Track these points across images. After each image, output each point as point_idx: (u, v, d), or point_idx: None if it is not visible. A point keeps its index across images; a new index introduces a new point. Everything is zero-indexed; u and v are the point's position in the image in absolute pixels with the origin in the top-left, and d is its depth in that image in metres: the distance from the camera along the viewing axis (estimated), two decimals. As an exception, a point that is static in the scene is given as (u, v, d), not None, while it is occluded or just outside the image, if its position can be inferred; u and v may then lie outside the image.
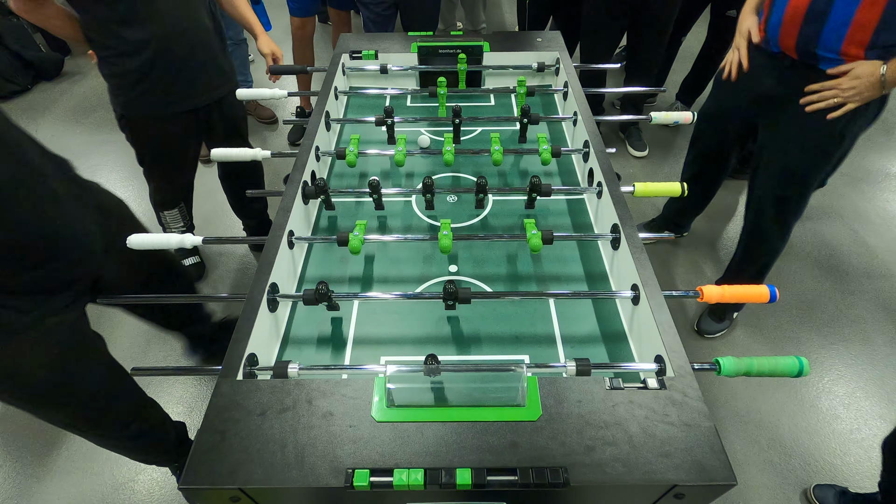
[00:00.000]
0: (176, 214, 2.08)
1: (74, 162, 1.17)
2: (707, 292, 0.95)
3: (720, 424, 1.74)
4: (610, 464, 0.70)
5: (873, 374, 1.90)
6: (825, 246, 2.40)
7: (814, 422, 1.77)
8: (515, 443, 0.72)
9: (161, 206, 2.03)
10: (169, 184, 1.95)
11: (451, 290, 0.95)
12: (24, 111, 3.33)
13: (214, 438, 0.73)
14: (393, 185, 1.42)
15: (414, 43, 1.70)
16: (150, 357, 1.96)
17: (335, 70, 1.63)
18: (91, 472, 1.67)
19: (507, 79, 1.76)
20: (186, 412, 1.81)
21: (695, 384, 0.78)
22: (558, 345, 1.01)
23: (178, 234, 1.06)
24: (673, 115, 1.42)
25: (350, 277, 1.16)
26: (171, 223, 2.10)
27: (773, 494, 1.61)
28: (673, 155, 2.94)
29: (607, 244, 1.15)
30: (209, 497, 0.71)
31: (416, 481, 0.68)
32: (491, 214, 1.32)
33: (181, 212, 2.09)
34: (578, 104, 1.45)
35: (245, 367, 0.84)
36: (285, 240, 1.07)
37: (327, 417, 0.75)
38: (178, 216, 2.10)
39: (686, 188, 1.18)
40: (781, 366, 0.84)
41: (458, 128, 1.43)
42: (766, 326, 2.07)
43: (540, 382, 0.78)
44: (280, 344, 1.02)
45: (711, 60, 2.85)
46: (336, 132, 1.60)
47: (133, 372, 0.94)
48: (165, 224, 2.11)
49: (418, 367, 0.80)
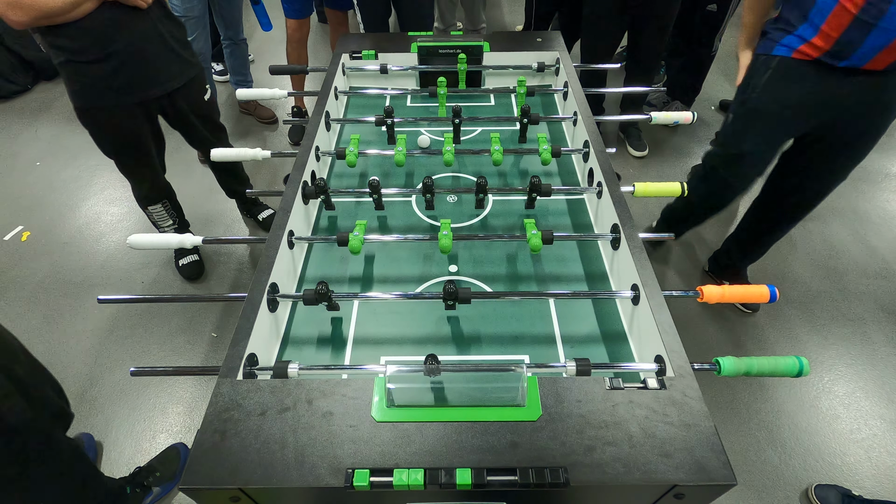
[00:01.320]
0: (161, 211, 2.07)
1: (74, 162, 1.17)
2: (707, 292, 0.95)
3: (720, 424, 1.74)
4: (610, 464, 0.69)
5: (873, 374, 1.90)
6: (825, 246, 2.39)
7: (814, 422, 1.77)
8: (515, 443, 0.72)
9: (143, 202, 2.04)
10: (140, 178, 1.94)
11: (451, 290, 0.95)
12: (24, 111, 3.33)
13: (214, 438, 0.73)
14: (393, 185, 1.41)
15: (414, 43, 1.70)
16: (151, 357, 1.96)
17: (335, 70, 1.63)
18: (91, 472, 1.67)
19: (507, 79, 1.76)
20: (186, 412, 1.81)
21: (695, 384, 0.78)
22: (558, 345, 1.01)
23: (179, 235, 1.06)
24: (673, 115, 1.42)
25: (350, 277, 1.16)
26: (159, 220, 2.10)
27: (772, 494, 1.61)
28: (673, 155, 2.94)
29: (607, 244, 1.15)
30: (209, 497, 0.71)
31: (416, 481, 0.68)
32: (491, 214, 1.32)
33: (166, 208, 2.08)
34: (578, 104, 1.45)
35: (245, 367, 0.84)
36: (285, 240, 1.07)
37: (327, 417, 0.75)
38: (165, 213, 2.09)
39: (686, 188, 1.18)
40: (781, 366, 0.84)
41: (458, 128, 1.43)
42: (766, 326, 2.07)
43: (540, 382, 0.78)
44: (280, 344, 1.02)
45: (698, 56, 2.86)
46: (336, 132, 1.60)
47: (133, 372, 0.94)
48: (154, 222, 2.11)
49: (418, 367, 0.80)
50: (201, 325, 2.05)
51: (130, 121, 1.73)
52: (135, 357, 1.97)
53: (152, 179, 1.97)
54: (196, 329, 2.04)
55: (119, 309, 2.10)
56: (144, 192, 2.00)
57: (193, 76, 1.81)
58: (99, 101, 1.63)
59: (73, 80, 1.59)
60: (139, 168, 1.91)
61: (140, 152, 1.85)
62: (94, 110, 1.66)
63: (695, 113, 1.45)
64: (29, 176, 2.82)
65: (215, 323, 2.06)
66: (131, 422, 1.78)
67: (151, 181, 1.97)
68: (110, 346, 2.00)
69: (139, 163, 1.89)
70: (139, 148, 1.83)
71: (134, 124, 1.74)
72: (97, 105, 1.65)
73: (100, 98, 1.63)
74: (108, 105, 1.65)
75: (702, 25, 2.68)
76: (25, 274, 2.28)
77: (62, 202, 2.65)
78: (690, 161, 2.86)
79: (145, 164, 1.90)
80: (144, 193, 2.00)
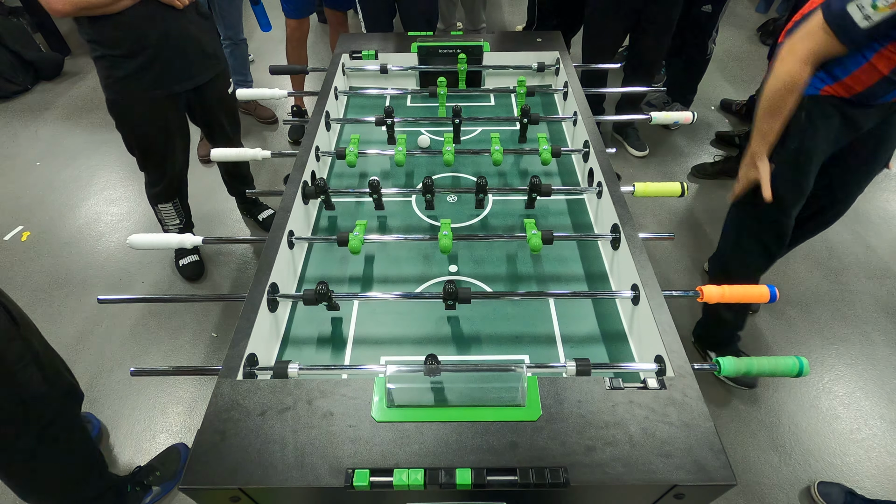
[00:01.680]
0: (171, 210, 2.09)
1: (74, 162, 1.18)
2: (707, 292, 0.95)
3: (720, 424, 1.74)
4: (610, 464, 0.69)
5: (873, 374, 1.90)
6: (825, 246, 2.39)
7: (814, 422, 1.77)
8: (515, 443, 0.72)
9: (155, 199, 2.05)
10: (159, 174, 1.96)
11: (451, 290, 0.95)
12: (24, 111, 3.33)
13: (214, 438, 0.73)
14: (393, 185, 1.42)
15: (414, 43, 1.70)
16: (151, 357, 1.96)
17: (335, 70, 1.63)
18: (91, 472, 1.67)
19: (507, 79, 1.76)
20: (186, 412, 1.81)
21: (695, 384, 0.78)
22: (558, 345, 1.01)
23: (179, 235, 1.06)
24: (673, 115, 1.42)
25: (350, 277, 1.16)
26: (167, 219, 2.11)
27: (773, 495, 1.60)
28: (673, 155, 2.94)
29: (607, 244, 1.15)
30: (209, 497, 0.71)
31: (416, 481, 0.68)
32: (491, 214, 1.32)
33: (176, 207, 2.10)
34: (578, 104, 1.45)
35: (245, 367, 0.84)
36: (285, 240, 1.07)
37: (327, 417, 0.75)
38: (174, 212, 2.10)
39: (686, 188, 1.18)
40: (781, 366, 0.84)
41: (458, 128, 1.43)
42: (767, 326, 2.07)
43: (540, 382, 0.78)
44: (280, 344, 1.02)
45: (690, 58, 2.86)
46: (336, 132, 1.60)
47: (133, 372, 0.94)
48: (161, 220, 2.12)
49: (418, 367, 0.80)
50: (201, 325, 2.05)
51: (161, 113, 1.78)
52: (135, 357, 1.96)
53: (171, 176, 1.99)
54: (196, 329, 2.04)
55: (119, 309, 2.10)
56: (160, 190, 2.01)
57: (220, 71, 1.88)
58: (132, 93, 1.69)
59: (108, 74, 1.64)
60: (162, 164, 1.93)
61: (167, 147, 1.88)
62: (127, 102, 1.71)
63: (694, 113, 1.44)
64: (29, 176, 2.82)
65: (215, 323, 2.06)
66: (131, 422, 1.78)
67: (170, 178, 1.99)
68: (110, 346, 2.00)
69: (164, 159, 1.91)
70: (167, 142, 1.87)
71: (164, 117, 1.80)
72: (130, 97, 1.70)
73: (132, 91, 1.68)
74: (140, 98, 1.70)
75: (696, 26, 2.68)
76: (25, 274, 2.28)
77: (62, 202, 2.65)
78: (690, 161, 2.86)
79: (170, 160, 1.92)
80: (159, 191, 2.02)
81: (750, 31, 4.03)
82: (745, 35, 4.00)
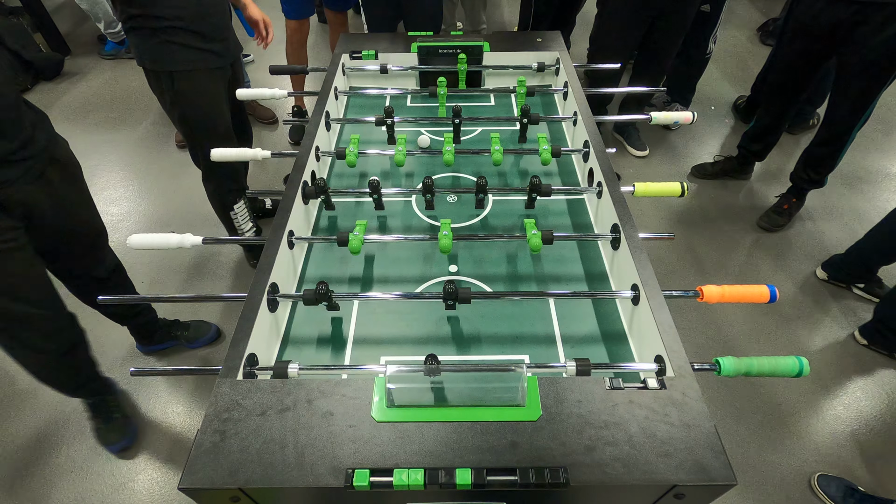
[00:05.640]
0: (244, 209, 2.01)
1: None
2: (707, 292, 0.95)
3: (720, 424, 1.74)
4: (610, 464, 0.69)
5: (873, 373, 1.91)
6: (825, 246, 2.40)
7: (814, 422, 1.77)
8: (515, 443, 0.72)
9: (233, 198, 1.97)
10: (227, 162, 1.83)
11: (451, 290, 0.95)
12: (24, 111, 3.33)
13: (214, 438, 0.73)
14: (393, 185, 1.42)
15: (414, 43, 1.70)
16: (151, 357, 1.96)
17: (335, 70, 1.63)
18: (91, 473, 1.68)
19: (507, 79, 1.76)
20: (186, 412, 1.81)
21: (695, 384, 0.78)
22: (558, 345, 1.01)
23: (178, 235, 1.06)
24: (673, 115, 1.41)
25: (350, 277, 1.16)
26: (242, 223, 2.03)
27: (773, 495, 1.61)
28: (673, 155, 2.94)
29: (607, 244, 1.15)
30: (209, 497, 0.71)
31: (416, 481, 0.68)
32: (491, 214, 1.32)
33: (247, 205, 2.02)
34: (578, 104, 1.45)
35: (245, 367, 0.84)
36: (285, 240, 1.07)
37: (327, 417, 0.75)
38: (246, 212, 2.02)
39: (686, 188, 1.18)
40: (781, 366, 0.84)
41: (458, 128, 1.43)
42: (766, 326, 2.07)
43: (540, 382, 0.78)
44: (280, 344, 1.02)
45: (689, 58, 2.86)
46: (336, 132, 1.60)
47: (133, 373, 0.94)
48: (237, 225, 2.02)
49: (418, 367, 0.80)
50: (201, 325, 2.05)
51: (216, 84, 1.76)
52: (135, 357, 1.97)
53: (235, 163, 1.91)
54: (196, 329, 2.04)
55: (119, 309, 2.10)
56: (230, 186, 1.94)
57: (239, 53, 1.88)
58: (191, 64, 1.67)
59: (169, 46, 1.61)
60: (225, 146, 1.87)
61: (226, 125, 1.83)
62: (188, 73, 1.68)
63: (694, 113, 1.44)
64: (29, 176, 2.81)
65: (215, 323, 2.06)
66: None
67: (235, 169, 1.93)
68: (110, 346, 2.00)
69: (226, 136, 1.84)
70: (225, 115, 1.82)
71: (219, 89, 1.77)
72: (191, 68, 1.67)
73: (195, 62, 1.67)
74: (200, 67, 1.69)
75: (695, 26, 2.68)
76: (25, 274, 2.27)
77: (62, 202, 2.64)
78: (690, 161, 2.86)
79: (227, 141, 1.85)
80: (230, 187, 1.95)
81: (750, 31, 4.04)
82: (745, 35, 4.01)
